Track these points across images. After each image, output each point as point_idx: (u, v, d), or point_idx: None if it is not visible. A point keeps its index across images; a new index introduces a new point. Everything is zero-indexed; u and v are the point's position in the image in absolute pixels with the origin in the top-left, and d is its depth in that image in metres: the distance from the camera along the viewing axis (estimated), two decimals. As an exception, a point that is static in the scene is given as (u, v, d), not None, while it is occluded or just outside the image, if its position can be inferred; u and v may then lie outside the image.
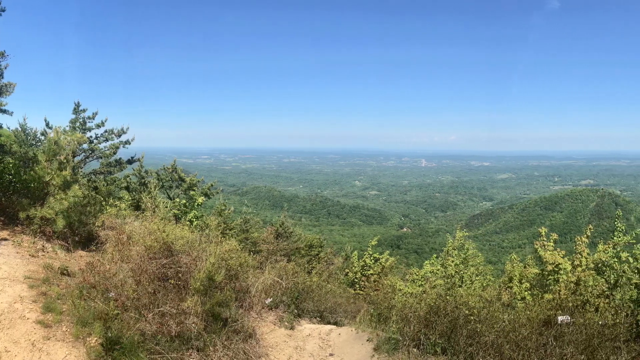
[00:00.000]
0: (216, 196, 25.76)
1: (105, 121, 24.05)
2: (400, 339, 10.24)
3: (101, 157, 23.65)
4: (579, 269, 12.65)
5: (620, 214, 13.69)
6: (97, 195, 15.92)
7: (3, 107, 19.09)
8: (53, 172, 14.08)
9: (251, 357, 9.88)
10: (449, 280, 16.28)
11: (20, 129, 24.93)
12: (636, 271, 10.60)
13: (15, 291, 9.70)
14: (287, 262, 19.36)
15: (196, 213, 19.14)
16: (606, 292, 11.57)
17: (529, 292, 14.64)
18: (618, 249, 12.26)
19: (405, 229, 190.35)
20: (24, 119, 25.22)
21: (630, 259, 11.56)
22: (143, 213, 16.29)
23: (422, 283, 16.89)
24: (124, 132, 24.16)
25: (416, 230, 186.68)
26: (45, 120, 25.54)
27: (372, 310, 12.85)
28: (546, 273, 13.47)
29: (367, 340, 11.02)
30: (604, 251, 12.52)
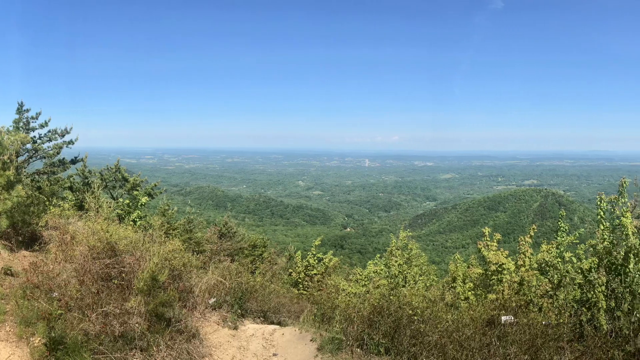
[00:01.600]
0: (160, 196, 25.43)
1: (48, 121, 23.52)
2: (344, 339, 10.22)
3: (45, 157, 23.13)
4: (523, 269, 12.78)
5: (564, 214, 13.91)
6: (41, 196, 15.61)
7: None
8: (-4, 172, 13.73)
9: (194, 357, 9.81)
10: (392, 280, 16.30)
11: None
12: (579, 271, 10.73)
13: (-43, 291, 9.48)
14: (231, 262, 19.39)
15: (140, 213, 18.86)
16: (550, 292, 11.70)
17: (473, 292, 14.78)
18: (561, 249, 12.43)
19: (348, 229, 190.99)
20: (-34, 120, 24.57)
21: (574, 259, 11.72)
22: (87, 213, 15.99)
23: (366, 283, 16.89)
24: (68, 132, 23.67)
25: (360, 230, 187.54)
26: (-11, 121, 24.85)
27: (315, 310, 12.84)
28: (490, 273, 13.58)
29: (311, 340, 10.97)
30: (547, 251, 12.67)
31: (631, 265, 9.59)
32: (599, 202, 10.53)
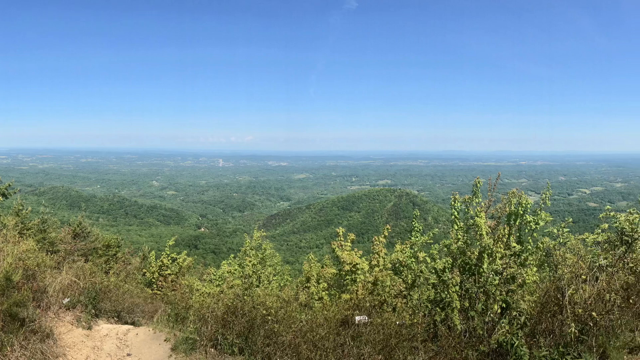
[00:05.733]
0: (13, 196, 24.35)
1: None
2: (198, 338, 10.17)
3: None
4: (377, 269, 12.76)
5: (418, 213, 13.99)
6: None
7: None
8: None
9: (49, 357, 9.56)
10: (246, 280, 16.18)
11: None
12: (433, 271, 10.79)
13: None
14: (85, 262, 19.07)
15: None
16: (404, 292, 11.76)
17: (327, 292, 14.74)
18: (415, 249, 12.48)
19: (202, 229, 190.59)
20: None
21: (428, 259, 11.78)
22: None
23: (220, 283, 16.73)
24: None
25: (214, 230, 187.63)
26: None
27: (169, 310, 12.74)
28: (344, 273, 13.51)
29: (165, 340, 10.91)
30: (401, 251, 12.73)
31: (485, 266, 9.68)
32: (453, 202, 10.57)
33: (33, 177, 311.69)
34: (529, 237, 10.13)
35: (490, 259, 9.76)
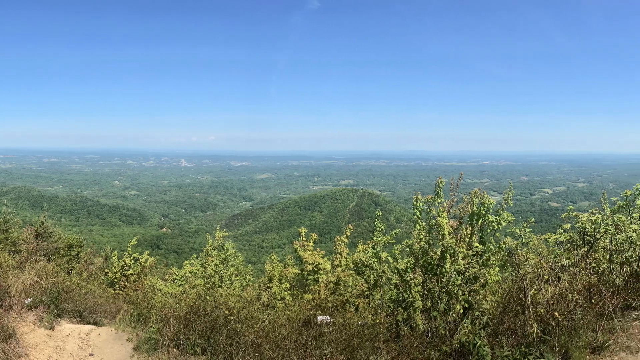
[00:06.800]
0: (-25, 197, 24.18)
1: None
2: (160, 339, 10.08)
3: None
4: (339, 269, 12.77)
5: (380, 213, 13.94)
6: None
7: None
8: None
9: (11, 357, 9.60)
10: (208, 280, 16.25)
11: None
12: (396, 271, 10.78)
13: None
14: (47, 262, 19.03)
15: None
16: (366, 292, 11.72)
17: (289, 292, 14.75)
18: (378, 249, 12.44)
19: (165, 229, 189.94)
20: None
21: (390, 259, 11.74)
22: None
23: (182, 283, 16.81)
24: None
25: (176, 230, 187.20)
26: None
27: (132, 310, 12.69)
28: (306, 273, 13.53)
29: (127, 340, 10.85)
30: (363, 251, 12.68)
31: (447, 266, 9.70)
32: (415, 202, 10.55)
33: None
34: (492, 237, 10.16)
35: (453, 259, 9.77)
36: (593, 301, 8.72)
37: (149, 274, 23.68)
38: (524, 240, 11.78)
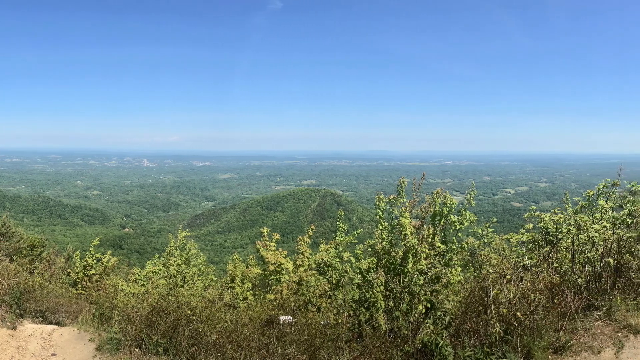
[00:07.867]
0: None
1: None
2: (122, 339, 10.05)
3: None
4: (301, 269, 12.71)
5: (342, 213, 13.93)
6: None
7: None
8: None
9: None
10: (171, 280, 16.28)
11: None
12: (358, 271, 10.77)
13: None
14: (9, 262, 18.54)
15: None
16: (328, 292, 11.71)
17: (251, 292, 14.78)
18: (340, 249, 12.46)
19: (127, 229, 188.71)
20: None
21: (353, 259, 11.76)
22: None
23: (145, 283, 16.84)
24: None
25: (138, 230, 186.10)
26: None
27: (94, 310, 12.58)
28: (268, 273, 13.44)
29: (90, 340, 10.75)
30: (326, 251, 12.68)
31: (410, 265, 9.70)
32: (377, 202, 10.56)
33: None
34: (454, 237, 10.21)
35: (415, 259, 9.79)
36: (555, 301, 8.78)
37: (111, 274, 23.53)
38: (486, 240, 11.86)
